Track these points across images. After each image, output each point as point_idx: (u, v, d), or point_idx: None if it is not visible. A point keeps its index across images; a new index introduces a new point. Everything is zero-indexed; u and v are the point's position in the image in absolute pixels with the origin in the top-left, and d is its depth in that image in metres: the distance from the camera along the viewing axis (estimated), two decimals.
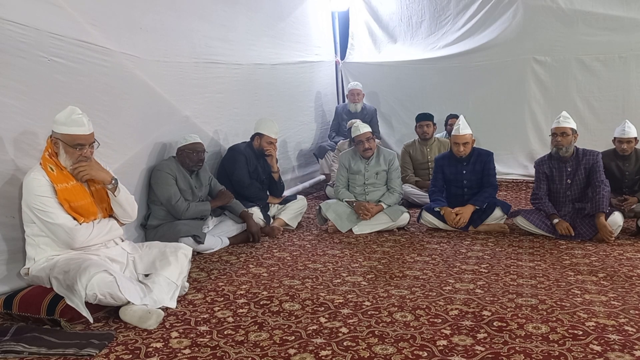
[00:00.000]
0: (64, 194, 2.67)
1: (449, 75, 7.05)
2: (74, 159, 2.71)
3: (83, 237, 2.71)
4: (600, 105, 6.30)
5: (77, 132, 2.69)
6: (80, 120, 2.70)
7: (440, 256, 3.69)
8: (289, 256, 3.81)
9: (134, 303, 2.56)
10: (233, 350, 2.28)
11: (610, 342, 2.25)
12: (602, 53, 6.26)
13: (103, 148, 2.94)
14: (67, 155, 2.71)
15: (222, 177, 4.60)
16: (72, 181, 2.72)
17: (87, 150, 2.74)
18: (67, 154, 2.70)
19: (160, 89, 4.05)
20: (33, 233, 2.71)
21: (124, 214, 2.94)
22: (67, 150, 2.70)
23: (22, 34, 2.85)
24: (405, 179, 5.51)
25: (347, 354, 2.21)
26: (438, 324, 2.50)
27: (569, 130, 4.03)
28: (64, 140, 2.69)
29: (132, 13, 3.76)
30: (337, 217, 4.51)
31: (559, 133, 4.05)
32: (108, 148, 3.32)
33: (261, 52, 5.65)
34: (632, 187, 4.69)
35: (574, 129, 4.07)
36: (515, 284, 3.06)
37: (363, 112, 6.68)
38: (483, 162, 4.47)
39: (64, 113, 2.69)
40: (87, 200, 2.77)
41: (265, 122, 4.75)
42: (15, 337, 2.36)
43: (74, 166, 2.71)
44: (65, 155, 2.71)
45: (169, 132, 4.17)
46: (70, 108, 2.71)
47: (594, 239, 3.96)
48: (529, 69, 6.59)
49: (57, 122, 2.69)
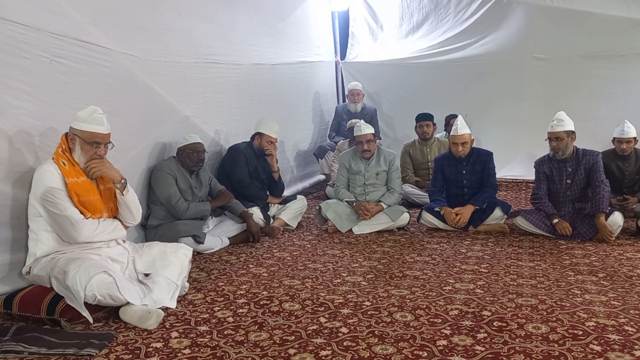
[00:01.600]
0: (74, 188, 2.71)
1: (449, 75, 7.05)
2: (88, 156, 2.78)
3: (89, 231, 2.74)
4: (600, 105, 6.29)
5: (96, 130, 2.77)
6: (101, 119, 2.78)
7: (440, 256, 3.69)
8: (289, 256, 3.81)
9: (134, 303, 2.56)
10: (233, 350, 2.28)
11: (610, 342, 2.25)
12: (602, 52, 6.27)
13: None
14: (83, 151, 2.77)
15: (222, 177, 4.60)
16: (82, 177, 2.77)
17: (102, 150, 2.81)
18: (82, 150, 2.77)
19: (161, 89, 4.05)
20: (37, 227, 2.72)
21: (129, 215, 2.96)
22: (84, 147, 2.76)
23: (23, 34, 2.85)
24: (405, 179, 5.51)
25: (347, 354, 2.21)
26: (438, 324, 2.50)
27: (563, 134, 4.01)
28: (82, 137, 2.76)
29: (132, 13, 3.76)
30: (337, 217, 4.51)
31: (553, 138, 4.05)
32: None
33: (261, 52, 5.65)
34: (632, 187, 4.69)
35: (569, 131, 4.03)
36: (515, 284, 3.06)
37: (363, 112, 6.68)
38: (483, 162, 4.48)
39: (86, 111, 2.78)
40: (95, 197, 2.81)
41: (265, 121, 4.75)
42: (15, 337, 2.36)
43: (88, 162, 2.77)
44: (80, 151, 2.77)
45: (169, 132, 4.17)
46: (92, 107, 2.80)
47: (594, 239, 3.96)
48: (530, 68, 6.60)
49: (78, 118, 2.77)
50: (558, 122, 4.05)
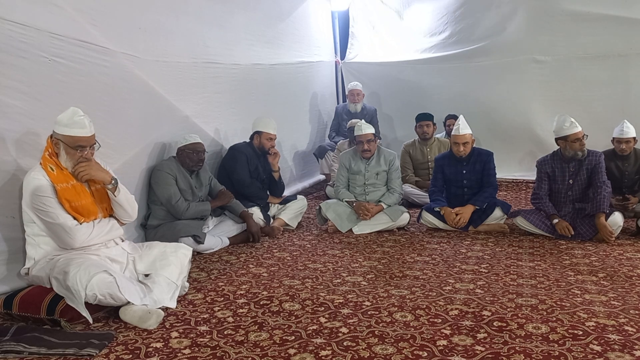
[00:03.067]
0: (64, 194, 2.67)
1: (449, 75, 7.05)
2: (74, 160, 2.72)
3: (83, 236, 2.71)
4: (600, 105, 6.29)
5: (78, 134, 2.69)
6: (82, 122, 2.70)
7: (440, 256, 3.69)
8: (289, 256, 3.81)
9: (134, 303, 2.56)
10: (233, 350, 2.27)
11: (610, 342, 2.25)
12: (602, 53, 6.26)
13: (103, 148, 2.94)
14: (68, 156, 2.71)
15: (223, 176, 4.61)
16: (72, 181, 2.73)
17: (88, 152, 2.75)
18: (67, 155, 2.71)
19: (160, 88, 4.05)
20: (33, 233, 2.71)
21: (125, 214, 2.94)
22: (68, 151, 2.70)
23: (22, 34, 2.85)
24: (405, 179, 5.51)
25: (347, 354, 2.21)
26: (438, 324, 2.50)
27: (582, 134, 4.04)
28: (64, 142, 2.69)
29: (131, 13, 3.75)
30: (337, 217, 4.51)
31: (582, 137, 4.02)
32: (108, 148, 3.32)
33: (260, 52, 5.65)
34: (632, 187, 4.69)
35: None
36: (515, 284, 3.06)
37: (363, 112, 6.68)
38: (483, 162, 4.48)
39: (66, 114, 2.69)
40: (87, 200, 2.77)
41: (262, 119, 4.79)
42: (15, 337, 2.36)
43: (74, 167, 2.72)
44: (65, 156, 2.71)
45: (169, 132, 4.17)
46: (72, 109, 2.71)
47: (594, 239, 3.96)
48: (529, 69, 6.59)
49: (58, 123, 2.69)
50: (574, 123, 4.04)
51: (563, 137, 4.08)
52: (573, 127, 4.03)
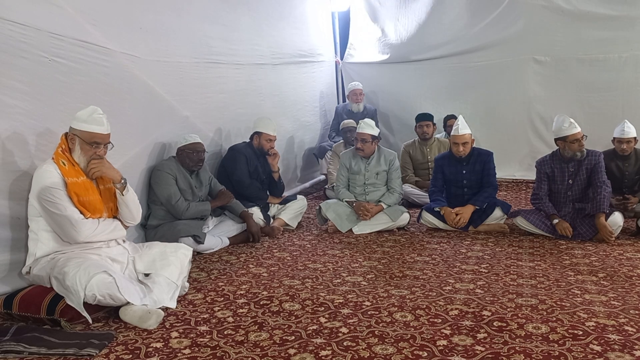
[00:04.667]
0: (73, 188, 2.71)
1: (448, 76, 7.05)
2: (87, 157, 2.79)
3: (88, 230, 2.74)
4: (600, 105, 6.29)
5: (96, 131, 2.77)
6: (101, 119, 2.79)
7: (440, 256, 3.69)
8: (289, 256, 3.81)
9: (134, 303, 2.56)
10: (233, 350, 2.28)
11: (610, 342, 2.25)
12: (602, 53, 6.26)
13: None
14: (82, 152, 2.78)
15: (223, 177, 4.61)
16: (82, 177, 2.78)
17: (102, 150, 2.82)
18: (82, 150, 2.78)
19: (161, 89, 4.05)
20: (37, 227, 2.72)
21: (129, 215, 2.96)
22: (83, 147, 2.77)
23: (22, 34, 2.85)
24: (405, 179, 5.51)
25: (347, 354, 2.21)
26: (438, 324, 2.50)
27: (582, 135, 4.05)
28: (81, 137, 2.77)
29: (132, 13, 3.75)
30: (337, 217, 4.51)
31: (581, 138, 4.02)
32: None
33: (261, 52, 5.65)
34: (632, 187, 4.69)
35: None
36: (515, 284, 3.06)
37: (364, 112, 6.69)
38: (483, 162, 4.47)
39: (86, 111, 2.78)
40: (95, 197, 2.81)
41: (262, 120, 4.79)
42: (15, 337, 2.36)
43: (87, 163, 2.78)
44: (80, 151, 2.78)
45: (169, 132, 4.17)
46: (92, 107, 2.81)
47: (594, 239, 3.96)
48: (529, 69, 6.59)
49: (77, 118, 2.78)
50: (573, 124, 4.05)
51: (562, 138, 4.08)
52: (572, 128, 4.03)
